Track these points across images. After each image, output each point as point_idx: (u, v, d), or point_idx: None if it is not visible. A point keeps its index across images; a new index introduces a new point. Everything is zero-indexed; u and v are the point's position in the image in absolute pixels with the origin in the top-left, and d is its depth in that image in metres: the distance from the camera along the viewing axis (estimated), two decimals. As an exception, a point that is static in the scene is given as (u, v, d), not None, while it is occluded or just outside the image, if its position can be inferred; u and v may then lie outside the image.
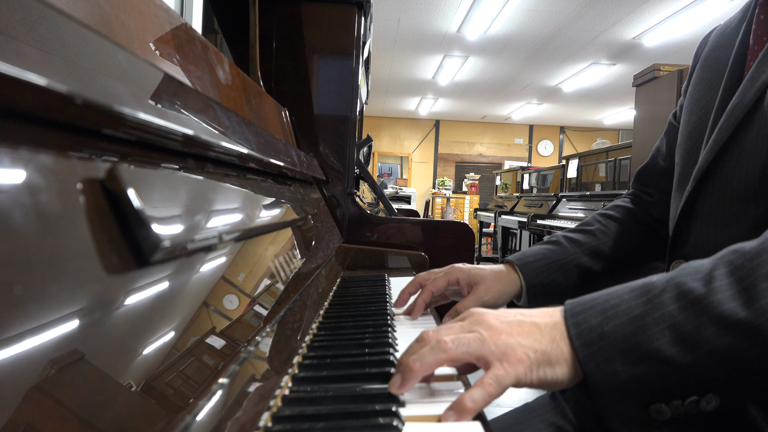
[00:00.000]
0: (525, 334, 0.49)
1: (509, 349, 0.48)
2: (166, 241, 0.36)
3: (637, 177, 0.99)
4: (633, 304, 0.49)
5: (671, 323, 0.46)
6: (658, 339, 0.46)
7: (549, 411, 0.79)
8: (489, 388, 0.46)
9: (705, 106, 0.76)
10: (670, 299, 0.47)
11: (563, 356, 0.48)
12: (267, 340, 0.54)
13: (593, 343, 0.48)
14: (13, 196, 0.27)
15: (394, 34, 5.89)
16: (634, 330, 0.47)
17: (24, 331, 0.25)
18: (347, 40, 1.48)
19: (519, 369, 0.47)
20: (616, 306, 0.49)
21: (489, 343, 0.48)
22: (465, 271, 0.83)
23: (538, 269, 0.85)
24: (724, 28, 0.81)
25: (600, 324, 0.48)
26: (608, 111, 9.54)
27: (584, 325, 0.49)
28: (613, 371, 0.46)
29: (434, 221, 1.52)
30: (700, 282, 0.48)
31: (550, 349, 0.49)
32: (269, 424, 0.42)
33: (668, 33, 5.32)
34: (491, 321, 0.50)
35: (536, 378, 0.48)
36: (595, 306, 0.50)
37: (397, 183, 10.46)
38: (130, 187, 0.35)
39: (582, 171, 5.03)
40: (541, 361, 0.48)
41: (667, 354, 0.46)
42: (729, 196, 0.65)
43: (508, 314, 0.52)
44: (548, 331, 0.50)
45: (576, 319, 0.50)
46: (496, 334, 0.49)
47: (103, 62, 0.38)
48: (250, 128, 0.75)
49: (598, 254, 0.89)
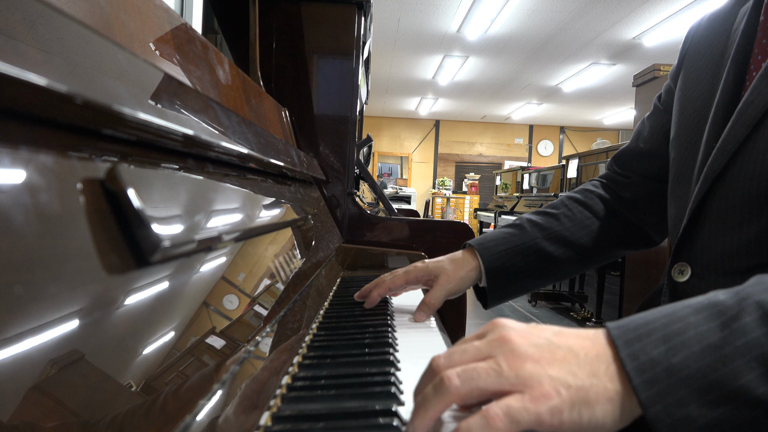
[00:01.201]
0: (557, 363, 0.40)
1: (534, 382, 0.38)
2: (166, 241, 0.36)
3: (614, 159, 0.97)
4: (704, 329, 0.40)
5: (760, 353, 0.38)
6: (745, 374, 0.37)
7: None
8: (496, 421, 0.36)
9: (702, 97, 0.74)
10: (754, 323, 0.39)
11: (607, 395, 0.39)
12: (267, 340, 0.54)
13: (659, 381, 0.38)
14: (13, 196, 0.27)
15: (394, 34, 5.89)
16: (713, 363, 0.38)
17: (24, 331, 0.25)
18: (347, 40, 1.48)
19: (542, 408, 0.37)
20: (682, 332, 0.40)
21: (507, 374, 0.39)
22: (422, 268, 0.84)
23: (498, 253, 0.86)
24: (717, 14, 0.78)
25: (665, 356, 0.39)
26: (608, 111, 9.54)
27: (644, 357, 0.39)
28: (687, 416, 0.37)
29: (434, 221, 1.52)
30: None
31: (589, 384, 0.39)
32: (269, 423, 0.42)
33: (668, 33, 5.32)
34: (515, 341, 0.41)
35: (568, 420, 0.38)
36: (654, 332, 0.40)
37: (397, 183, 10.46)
38: (130, 187, 0.35)
39: (582, 171, 5.03)
40: (576, 401, 0.38)
41: (757, 393, 0.37)
42: (742, 199, 0.63)
43: (539, 333, 0.42)
44: (588, 362, 0.40)
45: (632, 348, 0.40)
46: (518, 361, 0.39)
47: (103, 62, 0.38)
48: (250, 128, 0.75)
49: (560, 240, 0.89)
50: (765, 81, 0.61)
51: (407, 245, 1.46)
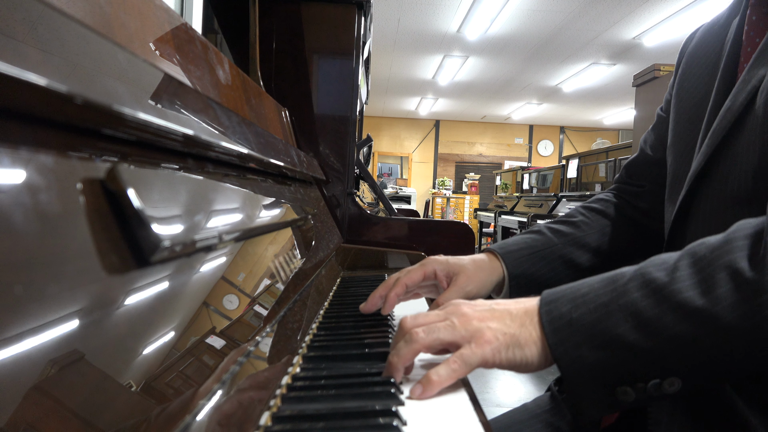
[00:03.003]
0: (495, 319, 0.53)
1: (477, 332, 0.52)
2: (166, 241, 0.36)
3: (625, 169, 0.95)
4: (600, 292, 0.51)
5: (633, 310, 0.49)
6: (621, 325, 0.49)
7: (547, 412, 0.79)
8: (453, 365, 0.50)
9: (695, 105, 0.75)
10: (634, 287, 0.50)
11: (533, 339, 0.52)
12: (267, 340, 0.54)
13: (562, 329, 0.51)
14: (13, 196, 0.27)
15: (394, 34, 5.89)
16: (600, 317, 0.50)
17: (24, 331, 0.25)
18: (347, 40, 1.48)
19: (486, 349, 0.51)
20: (585, 294, 0.52)
21: (459, 328, 0.52)
22: (442, 261, 0.78)
23: (521, 258, 0.82)
24: (712, 24, 0.80)
25: (569, 311, 0.51)
26: (608, 111, 9.54)
27: (555, 312, 0.52)
28: (579, 356, 0.49)
29: (434, 221, 1.52)
30: (664, 272, 0.50)
31: (519, 332, 0.52)
32: (269, 423, 0.42)
33: (668, 33, 5.32)
34: (464, 309, 0.54)
35: (505, 358, 0.52)
36: (567, 294, 0.53)
37: (397, 183, 10.46)
38: (130, 187, 0.35)
39: (582, 171, 5.03)
40: (510, 343, 0.52)
41: (629, 339, 0.48)
42: (723, 200, 0.64)
43: (482, 303, 0.56)
44: (519, 317, 0.53)
45: (549, 306, 0.53)
46: (467, 320, 0.53)
47: (103, 62, 0.38)
48: (250, 128, 0.75)
49: (583, 246, 0.87)
50: (742, 86, 0.63)
51: (407, 245, 1.46)
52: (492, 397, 2.73)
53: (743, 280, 0.47)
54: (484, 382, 2.90)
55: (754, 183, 0.60)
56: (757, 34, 0.68)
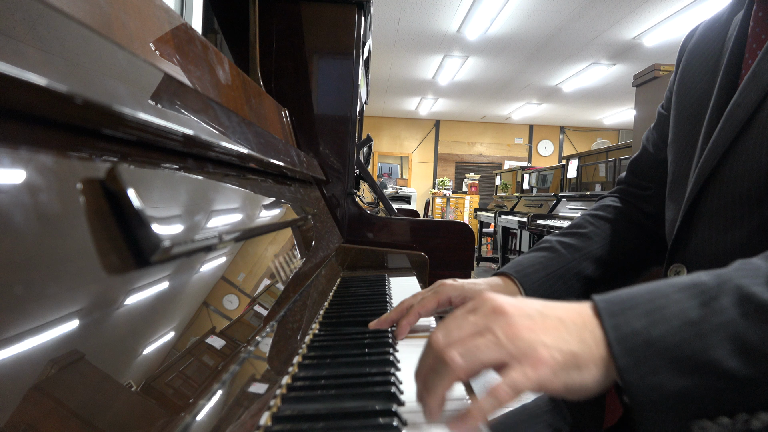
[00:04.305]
0: (549, 331, 0.43)
1: (530, 350, 0.42)
2: (166, 241, 0.36)
3: (630, 169, 0.93)
4: (685, 306, 0.43)
5: (733, 332, 0.40)
6: (717, 349, 0.40)
7: (547, 413, 0.79)
8: (503, 394, 0.41)
9: (696, 102, 0.74)
10: (730, 304, 0.42)
11: (593, 360, 0.43)
12: (267, 340, 0.54)
13: (638, 351, 0.42)
14: (13, 196, 0.27)
15: (394, 34, 5.89)
16: (689, 337, 0.41)
17: (24, 331, 0.25)
18: (347, 40, 1.48)
19: (542, 373, 0.41)
20: (664, 307, 0.43)
21: (506, 344, 0.42)
22: (457, 287, 0.74)
23: (539, 280, 0.79)
24: (713, 21, 0.79)
25: (646, 328, 0.42)
26: (608, 111, 9.54)
27: (626, 329, 0.42)
28: (658, 383, 0.41)
29: (434, 221, 1.52)
30: (763, 286, 0.42)
31: (579, 350, 0.43)
32: (269, 423, 0.42)
33: (668, 33, 5.32)
34: (510, 313, 0.44)
35: (561, 383, 0.42)
36: (638, 306, 0.44)
37: (397, 183, 10.45)
38: (130, 187, 0.35)
39: (582, 171, 5.03)
40: (568, 365, 0.42)
41: (726, 366, 0.40)
42: (733, 199, 0.63)
43: (527, 305, 0.45)
44: (576, 329, 0.44)
45: (615, 320, 0.43)
46: (515, 331, 0.43)
47: (103, 62, 0.38)
48: (250, 128, 0.75)
49: (597, 260, 0.84)
50: (752, 82, 0.62)
51: (407, 245, 1.46)
52: (492, 397, 2.72)
53: None
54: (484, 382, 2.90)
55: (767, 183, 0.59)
56: (764, 31, 0.67)
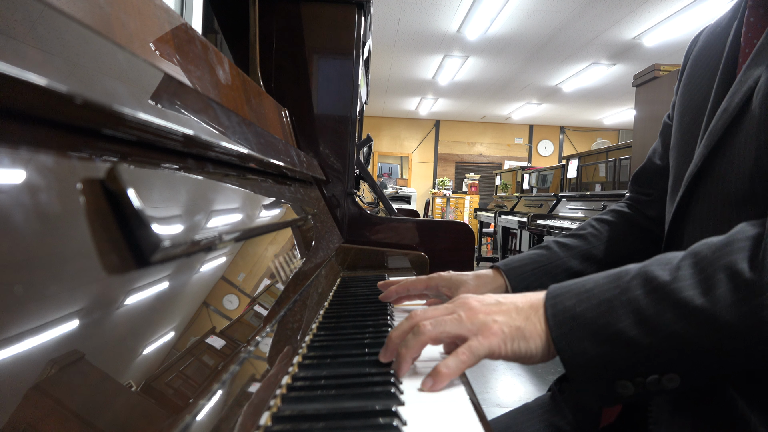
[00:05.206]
0: (502, 313, 0.55)
1: (484, 325, 0.53)
2: (166, 241, 0.36)
3: (634, 179, 0.97)
4: (605, 288, 0.53)
5: (635, 307, 0.51)
6: (623, 321, 0.50)
7: (548, 411, 0.79)
8: (462, 356, 0.52)
9: (697, 107, 0.75)
10: (637, 285, 0.52)
11: (537, 333, 0.54)
12: (267, 340, 0.54)
13: (566, 323, 0.53)
14: (13, 196, 0.27)
15: (394, 34, 5.89)
16: (602, 312, 0.52)
17: (24, 331, 0.25)
18: (347, 40, 1.48)
19: (492, 341, 0.53)
20: (590, 290, 0.54)
21: (466, 322, 0.54)
22: (446, 278, 0.83)
23: (525, 273, 0.84)
24: (715, 27, 0.80)
25: (573, 305, 0.53)
26: (608, 111, 9.54)
27: (559, 306, 0.54)
28: (582, 349, 0.51)
29: (434, 221, 1.52)
30: (666, 271, 0.52)
31: (524, 325, 0.54)
32: (269, 423, 0.42)
33: (668, 33, 5.32)
34: (472, 303, 0.56)
35: (510, 350, 0.53)
36: (573, 289, 0.55)
37: (397, 183, 10.45)
38: (130, 187, 0.35)
39: (582, 171, 5.03)
40: (515, 336, 0.53)
41: (629, 335, 0.50)
42: (721, 200, 0.65)
43: (490, 297, 0.57)
44: (524, 310, 0.55)
45: (554, 300, 0.55)
46: (474, 313, 0.54)
47: (103, 62, 0.38)
48: (250, 128, 0.75)
49: (589, 258, 0.88)
50: (739, 86, 0.64)
51: (407, 245, 1.46)
52: (492, 397, 2.73)
53: (742, 281, 0.48)
54: (484, 382, 2.90)
55: (751, 183, 0.61)
56: (755, 36, 0.68)
